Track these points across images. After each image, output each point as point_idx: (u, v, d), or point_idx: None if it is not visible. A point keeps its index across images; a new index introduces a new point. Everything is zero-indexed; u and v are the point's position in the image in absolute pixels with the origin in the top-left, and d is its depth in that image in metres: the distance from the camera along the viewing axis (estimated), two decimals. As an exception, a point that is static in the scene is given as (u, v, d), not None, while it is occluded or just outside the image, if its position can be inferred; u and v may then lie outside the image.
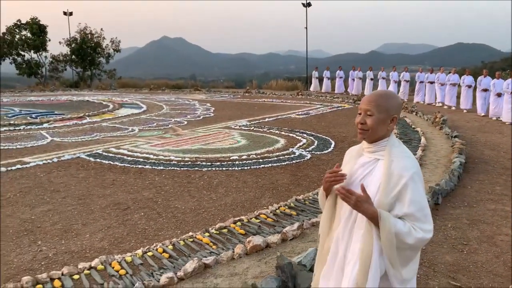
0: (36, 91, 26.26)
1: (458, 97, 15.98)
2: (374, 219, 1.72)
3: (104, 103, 17.21)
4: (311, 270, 3.24)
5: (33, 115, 12.94)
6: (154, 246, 3.87)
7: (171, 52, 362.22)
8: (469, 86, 15.07)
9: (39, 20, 33.91)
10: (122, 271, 3.43)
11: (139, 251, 3.77)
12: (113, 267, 3.50)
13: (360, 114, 1.85)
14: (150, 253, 3.75)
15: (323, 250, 1.94)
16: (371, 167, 1.84)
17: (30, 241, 4.04)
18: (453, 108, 15.84)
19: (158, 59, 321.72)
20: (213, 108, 15.49)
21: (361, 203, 1.72)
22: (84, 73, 35.73)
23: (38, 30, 33.37)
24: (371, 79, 21.66)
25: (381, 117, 1.80)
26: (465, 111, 14.99)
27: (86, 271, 3.44)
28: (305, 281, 3.18)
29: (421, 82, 18.03)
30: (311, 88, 24.84)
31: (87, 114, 13.19)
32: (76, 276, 3.37)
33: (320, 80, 24.71)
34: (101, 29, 35.70)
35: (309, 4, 28.77)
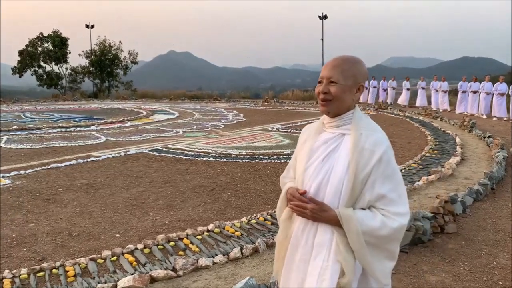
0: (60, 101, 27.01)
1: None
2: (339, 223, 1.50)
3: (135, 110, 17.85)
4: (410, 230, 3.72)
5: (76, 119, 13.57)
6: (255, 216, 4.37)
7: (178, 66, 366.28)
8: None
9: (60, 33, 34.96)
10: (237, 233, 3.93)
11: (244, 219, 4.27)
12: (227, 231, 4.00)
13: (320, 82, 1.62)
14: (253, 221, 4.25)
15: (284, 241, 1.68)
16: (336, 143, 1.60)
17: (142, 212, 4.55)
18: (495, 118, 15.09)
19: (165, 72, 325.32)
20: (242, 114, 16.05)
21: (318, 214, 1.52)
22: (102, 85, 36.56)
23: (59, 43, 34.37)
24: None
25: (347, 84, 1.57)
26: (504, 118, 14.67)
27: (205, 233, 3.94)
28: (404, 240, 3.66)
29: (464, 92, 17.04)
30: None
31: (126, 118, 13.79)
32: (199, 237, 3.87)
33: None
34: (120, 42, 36.67)
35: (325, 17, 29.56)
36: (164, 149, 8.31)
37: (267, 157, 7.48)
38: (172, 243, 3.72)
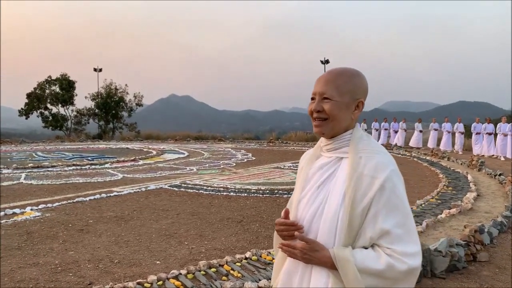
0: (67, 141, 27.31)
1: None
2: (334, 265, 1.24)
3: (144, 149, 18.08)
4: (446, 256, 3.82)
5: (89, 158, 13.75)
6: (289, 245, 4.45)
7: (179, 109, 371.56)
8: None
9: (68, 76, 35.90)
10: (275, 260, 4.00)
11: (279, 248, 4.35)
12: (264, 258, 4.08)
13: (313, 99, 1.39)
14: (288, 250, 4.33)
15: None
16: (332, 168, 1.37)
17: (177, 242, 4.63)
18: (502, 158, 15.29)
19: (166, 115, 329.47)
20: (250, 154, 16.27)
21: (309, 254, 1.28)
22: (107, 126, 37.07)
23: (67, 86, 35.21)
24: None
25: (344, 101, 1.35)
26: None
27: (243, 261, 4.02)
28: (441, 265, 3.75)
29: (478, 133, 17.04)
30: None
31: (138, 157, 13.98)
32: (238, 264, 3.95)
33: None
34: (126, 85, 37.57)
35: (327, 61, 30.55)
36: (183, 184, 8.44)
37: (286, 192, 7.61)
38: (213, 269, 3.80)
